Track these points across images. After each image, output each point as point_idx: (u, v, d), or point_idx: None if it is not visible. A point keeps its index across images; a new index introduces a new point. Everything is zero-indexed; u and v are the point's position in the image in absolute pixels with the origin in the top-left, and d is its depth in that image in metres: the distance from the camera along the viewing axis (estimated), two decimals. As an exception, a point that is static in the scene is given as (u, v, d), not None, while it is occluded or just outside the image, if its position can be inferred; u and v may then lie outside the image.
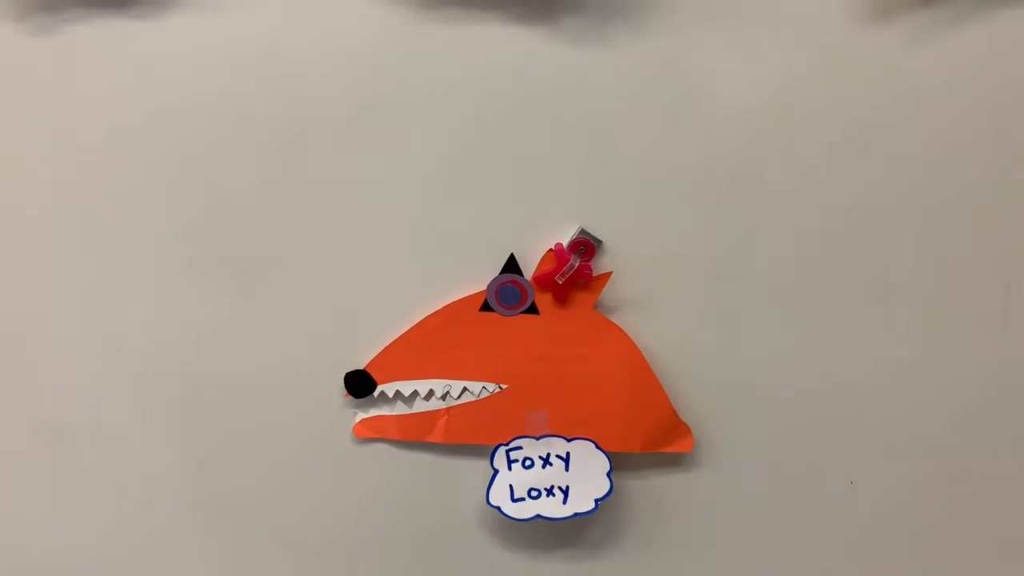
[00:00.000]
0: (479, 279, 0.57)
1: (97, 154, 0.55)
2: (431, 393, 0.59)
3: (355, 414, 0.60)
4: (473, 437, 0.59)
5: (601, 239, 0.57)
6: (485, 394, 0.59)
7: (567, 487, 0.59)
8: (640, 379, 0.58)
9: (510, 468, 0.59)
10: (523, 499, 0.58)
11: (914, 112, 0.54)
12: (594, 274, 0.57)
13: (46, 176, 0.55)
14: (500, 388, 0.59)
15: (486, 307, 0.58)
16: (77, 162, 0.55)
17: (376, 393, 0.59)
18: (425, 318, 0.58)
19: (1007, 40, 0.53)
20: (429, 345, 0.58)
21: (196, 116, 0.54)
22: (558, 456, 0.59)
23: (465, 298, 0.58)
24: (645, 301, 0.58)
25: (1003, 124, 0.54)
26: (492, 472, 0.59)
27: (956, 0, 0.53)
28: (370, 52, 0.53)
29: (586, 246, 0.57)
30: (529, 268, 0.57)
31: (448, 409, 0.59)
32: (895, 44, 0.53)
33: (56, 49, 0.53)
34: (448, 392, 0.59)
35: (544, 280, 0.57)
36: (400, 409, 0.60)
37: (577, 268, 0.56)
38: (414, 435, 0.60)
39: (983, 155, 0.54)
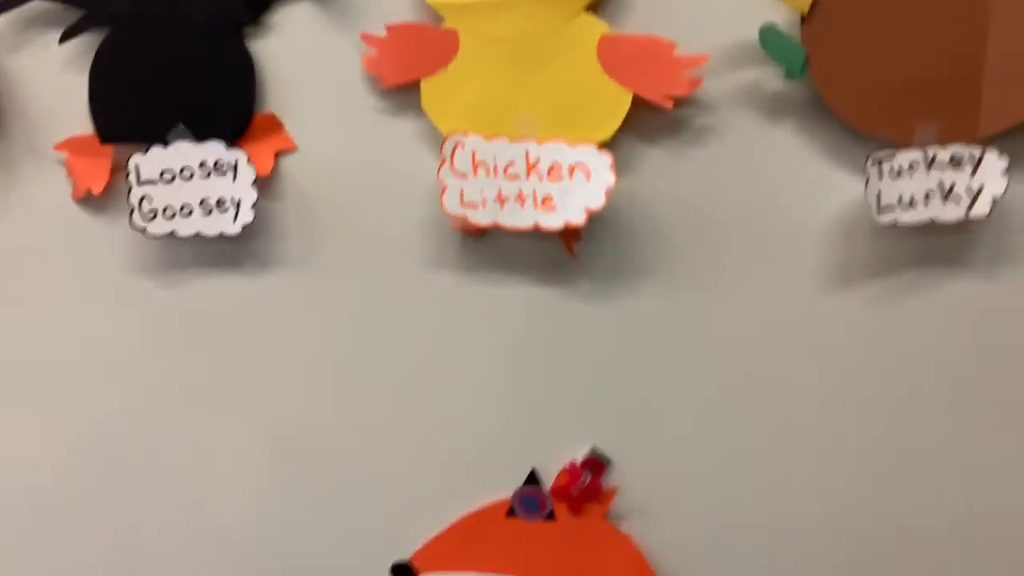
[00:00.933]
0: (506, 487, 0.67)
1: (209, 393, 0.68)
2: (465, 585, 0.69)
3: (399, 600, 0.70)
4: (500, 625, 0.69)
5: (610, 458, 0.67)
6: (509, 587, 0.69)
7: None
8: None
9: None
10: None
11: (875, 363, 0.64)
12: (603, 489, 0.67)
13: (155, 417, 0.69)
14: (525, 582, 0.69)
15: (511, 512, 0.68)
16: (186, 395, 0.69)
17: (418, 582, 0.69)
18: (461, 519, 0.68)
19: (949, 305, 0.63)
20: (464, 542, 0.68)
21: (288, 359, 0.68)
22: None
23: (494, 504, 0.68)
24: (651, 511, 0.67)
25: (951, 370, 0.63)
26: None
27: (905, 273, 0.63)
28: (424, 307, 0.66)
29: (596, 465, 0.67)
30: (549, 479, 0.67)
31: (479, 599, 0.69)
32: (856, 307, 0.64)
33: (182, 299, 0.67)
34: (478, 584, 0.69)
35: (560, 492, 0.67)
36: (438, 597, 0.70)
37: (588, 484, 0.66)
38: (450, 621, 0.69)
39: (933, 399, 0.64)
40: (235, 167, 0.64)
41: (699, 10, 0.61)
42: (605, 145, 0.61)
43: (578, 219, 0.60)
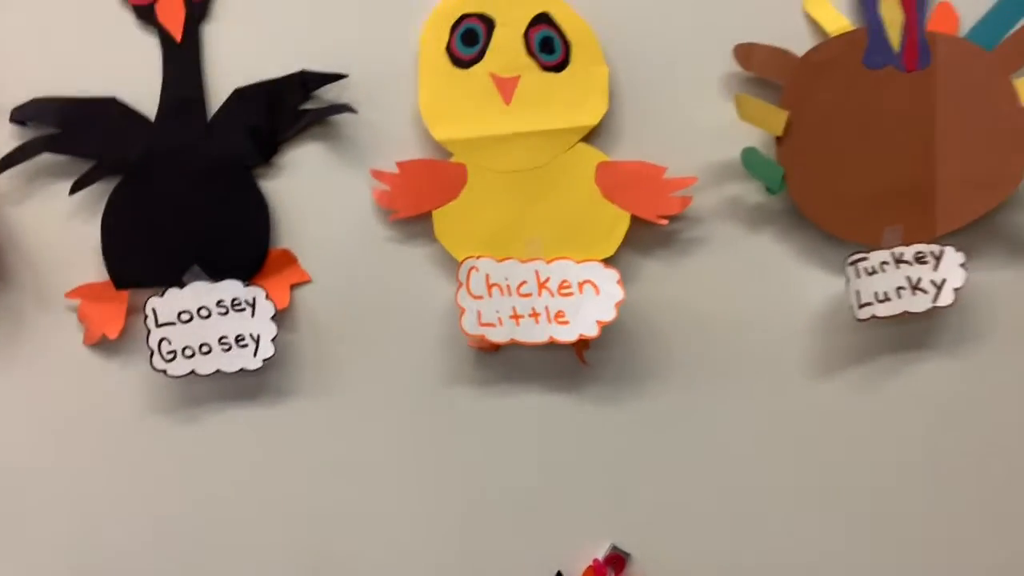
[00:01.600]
0: (535, 592, 0.70)
1: (231, 523, 0.69)
2: None
3: None
4: None
5: (629, 552, 0.70)
6: None
7: None
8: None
9: None
10: None
11: (861, 442, 0.70)
12: (626, 584, 0.70)
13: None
14: None
15: (542, 615, 0.70)
16: (208, 527, 0.69)
17: None
18: (491, 627, 0.71)
19: (922, 385, 0.70)
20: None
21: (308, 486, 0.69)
22: None
23: (522, 609, 0.71)
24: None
25: (928, 444, 0.70)
26: None
27: (881, 358, 0.70)
28: (443, 424, 0.69)
29: (617, 560, 0.70)
30: (572, 579, 0.70)
31: None
32: (840, 393, 0.70)
33: (198, 436, 0.68)
34: None
35: (586, 591, 0.70)
36: None
37: (612, 581, 0.70)
38: None
39: (914, 472, 0.70)
40: (253, 303, 0.66)
41: (685, 134, 0.66)
42: (608, 261, 0.65)
43: (591, 332, 0.64)
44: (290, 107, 0.66)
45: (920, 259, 0.66)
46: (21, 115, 0.65)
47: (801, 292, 0.69)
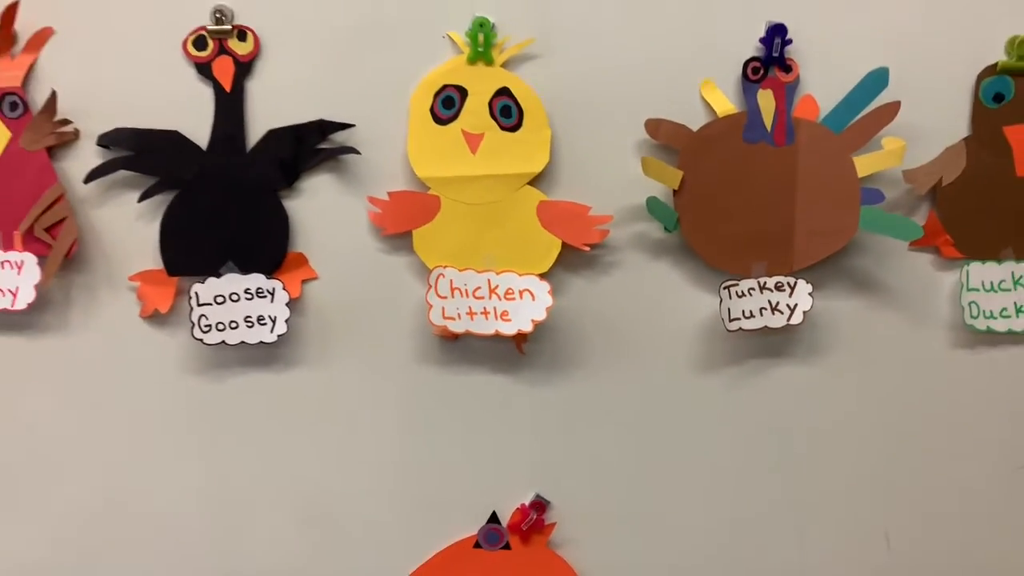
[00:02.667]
0: (473, 526, 0.91)
1: (246, 462, 0.90)
2: (441, 603, 0.92)
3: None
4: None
5: (550, 500, 0.92)
6: (475, 603, 0.92)
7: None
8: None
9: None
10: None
11: (730, 425, 0.91)
12: (545, 524, 0.91)
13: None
14: (485, 600, 0.92)
15: (477, 545, 0.91)
16: (230, 463, 0.90)
17: (405, 604, 0.91)
18: (441, 552, 0.91)
19: (779, 384, 0.91)
20: (443, 568, 0.91)
21: (306, 436, 0.90)
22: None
23: (465, 539, 0.91)
24: (580, 541, 0.92)
25: (783, 431, 0.91)
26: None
27: (748, 362, 0.91)
28: (412, 393, 0.90)
29: (539, 506, 0.91)
30: (505, 518, 0.91)
31: (452, 614, 0.92)
32: (717, 387, 0.91)
33: (224, 391, 0.89)
34: (451, 602, 0.92)
35: (514, 528, 0.91)
36: (420, 614, 0.92)
37: (534, 521, 0.91)
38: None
39: (772, 454, 0.91)
40: (272, 292, 0.87)
41: (606, 183, 0.87)
42: (543, 275, 0.87)
43: (527, 328, 0.85)
44: (310, 146, 0.87)
45: (779, 287, 0.87)
46: (105, 140, 0.86)
47: (689, 307, 0.90)
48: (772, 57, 0.86)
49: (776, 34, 0.86)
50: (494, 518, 0.91)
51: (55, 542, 0.91)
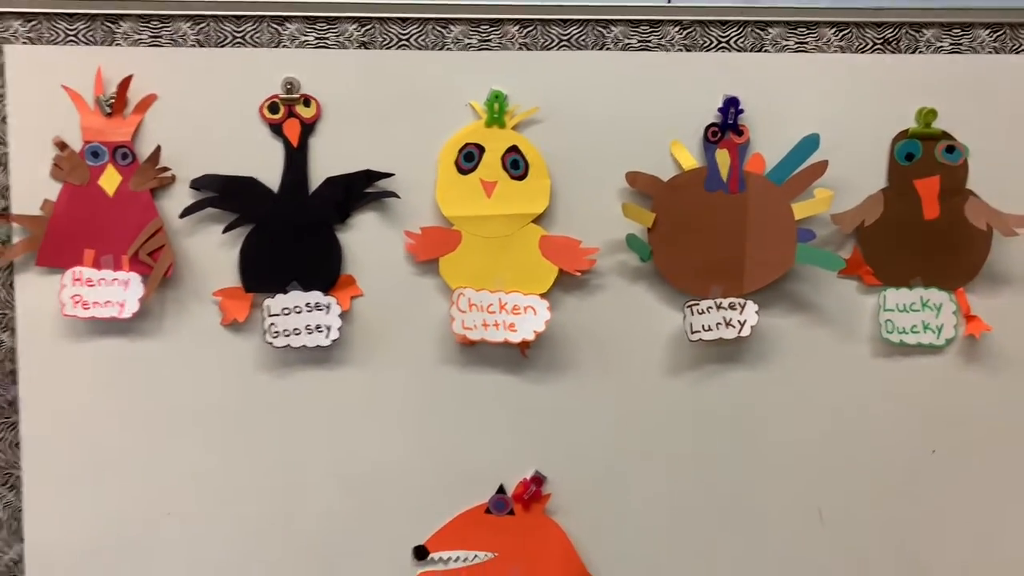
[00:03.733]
0: (484, 496, 1.13)
1: (304, 440, 1.12)
2: (457, 559, 1.13)
3: (418, 567, 1.13)
4: (480, 582, 1.13)
5: (547, 475, 1.13)
6: (485, 558, 1.13)
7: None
8: (566, 548, 1.13)
9: (499, 600, 1.12)
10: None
11: (693, 417, 1.13)
12: (543, 495, 1.13)
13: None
14: (493, 555, 1.14)
15: (488, 511, 1.13)
16: (291, 442, 1.12)
17: (429, 558, 1.13)
18: (455, 517, 1.13)
19: (732, 384, 1.13)
20: (458, 531, 1.13)
21: (353, 420, 1.12)
22: (524, 595, 1.13)
23: (477, 506, 1.13)
24: (571, 509, 1.13)
25: (736, 422, 1.13)
26: (489, 602, 1.12)
27: (707, 366, 1.13)
28: (440, 387, 1.12)
29: (538, 480, 1.13)
30: (510, 490, 1.13)
31: (467, 567, 1.13)
32: (683, 385, 1.13)
33: (288, 385, 1.11)
34: (465, 558, 1.13)
35: (517, 498, 1.13)
36: (442, 567, 1.14)
37: (534, 492, 1.12)
38: (449, 581, 1.13)
39: (726, 441, 1.13)
40: (328, 306, 1.09)
41: (594, 222, 1.08)
42: (544, 295, 1.08)
43: (530, 337, 1.07)
44: (359, 191, 1.08)
45: (732, 306, 1.08)
46: (197, 183, 1.07)
47: (659, 322, 1.10)
48: (728, 123, 1.08)
49: (731, 105, 1.08)
50: (501, 489, 1.13)
51: (157, 504, 1.12)
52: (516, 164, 1.07)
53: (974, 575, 1.15)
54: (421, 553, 1.12)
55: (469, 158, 1.07)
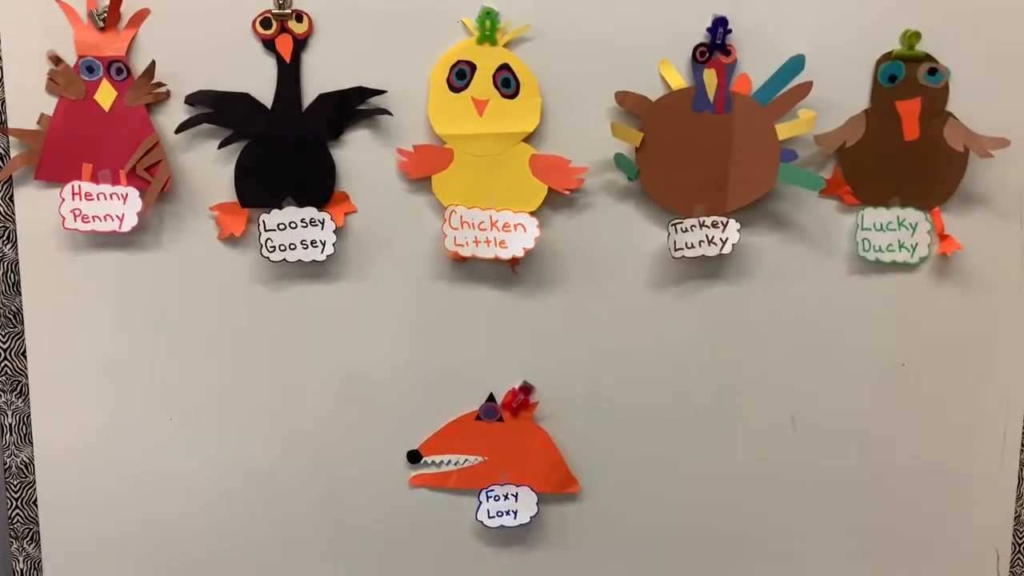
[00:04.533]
0: (475, 404, 1.18)
1: (302, 349, 1.17)
2: (449, 462, 1.20)
3: (411, 470, 1.20)
4: (470, 484, 1.20)
5: (534, 385, 1.19)
6: (475, 462, 1.20)
7: (516, 511, 1.19)
8: (552, 453, 1.19)
9: (487, 500, 1.19)
10: (494, 517, 1.19)
11: (674, 330, 1.18)
12: (530, 403, 1.19)
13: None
14: (482, 459, 1.20)
15: (479, 418, 1.19)
16: (288, 350, 1.17)
17: (422, 461, 1.20)
18: (448, 424, 1.19)
19: (711, 299, 1.18)
20: (450, 436, 1.18)
21: (349, 330, 1.17)
22: (512, 495, 1.19)
23: (468, 414, 1.18)
24: (556, 415, 1.19)
25: (712, 336, 1.18)
26: (478, 503, 1.19)
27: (689, 282, 1.18)
28: (431, 301, 1.16)
29: (526, 389, 1.18)
30: (500, 398, 1.19)
31: (458, 470, 1.20)
32: (666, 300, 1.18)
33: (284, 298, 1.15)
34: (456, 462, 1.20)
35: (506, 405, 1.18)
36: (434, 470, 1.20)
37: (522, 401, 1.18)
38: (441, 483, 1.20)
39: (701, 354, 1.19)
40: (323, 221, 1.11)
41: (583, 141, 1.10)
42: (533, 212, 1.12)
43: (520, 254, 1.10)
44: (352, 107, 1.09)
45: (714, 224, 1.12)
46: (191, 99, 1.08)
47: (646, 239, 1.14)
48: (716, 43, 1.10)
49: (719, 25, 1.09)
50: (491, 398, 1.18)
51: (159, 409, 1.17)
52: (507, 83, 1.08)
53: (936, 483, 1.22)
54: (415, 457, 1.18)
55: (461, 76, 1.08)
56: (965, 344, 1.19)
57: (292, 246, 1.10)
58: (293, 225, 1.10)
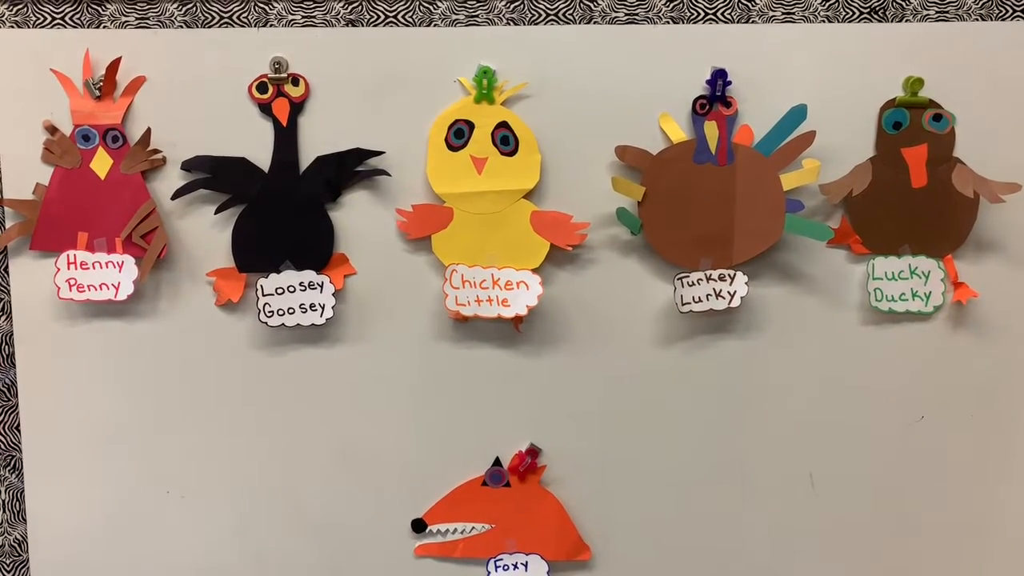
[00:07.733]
0: (481, 469, 1.15)
1: (299, 414, 1.14)
2: (455, 530, 1.15)
3: (416, 540, 1.16)
4: (477, 553, 1.15)
5: (541, 448, 1.15)
6: (482, 530, 1.15)
7: (527, 581, 1.14)
8: (561, 518, 1.15)
9: (496, 570, 1.14)
10: (504, 587, 1.14)
11: (684, 384, 1.15)
12: (538, 467, 1.15)
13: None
14: (490, 527, 1.16)
15: (485, 483, 1.15)
16: (285, 415, 1.14)
17: (427, 530, 1.15)
18: (453, 490, 1.15)
19: (721, 353, 1.15)
20: (456, 504, 1.15)
21: (348, 396, 1.14)
22: (521, 563, 1.15)
23: (473, 479, 1.15)
24: (565, 480, 1.15)
25: (726, 387, 1.15)
26: (486, 573, 1.14)
27: (698, 337, 1.15)
28: (434, 363, 1.13)
29: (533, 452, 1.15)
30: (506, 462, 1.15)
31: (465, 538, 1.15)
32: (675, 355, 1.15)
33: (283, 363, 1.13)
34: (463, 529, 1.16)
35: (513, 470, 1.14)
36: (440, 539, 1.16)
37: (529, 464, 1.14)
38: (447, 552, 1.15)
39: (714, 404, 1.15)
40: (321, 285, 1.09)
41: (585, 197, 1.08)
42: (536, 270, 1.09)
43: (523, 312, 1.08)
44: (350, 169, 1.08)
45: (721, 278, 1.09)
46: (188, 165, 1.08)
47: (650, 295, 1.11)
48: (716, 95, 1.08)
49: (719, 77, 1.08)
50: (497, 462, 1.14)
51: (157, 483, 1.14)
52: (506, 140, 1.07)
53: (962, 540, 1.17)
54: (420, 526, 1.14)
55: (459, 135, 1.07)
56: (986, 395, 1.15)
57: (291, 310, 1.08)
58: (292, 289, 1.08)
